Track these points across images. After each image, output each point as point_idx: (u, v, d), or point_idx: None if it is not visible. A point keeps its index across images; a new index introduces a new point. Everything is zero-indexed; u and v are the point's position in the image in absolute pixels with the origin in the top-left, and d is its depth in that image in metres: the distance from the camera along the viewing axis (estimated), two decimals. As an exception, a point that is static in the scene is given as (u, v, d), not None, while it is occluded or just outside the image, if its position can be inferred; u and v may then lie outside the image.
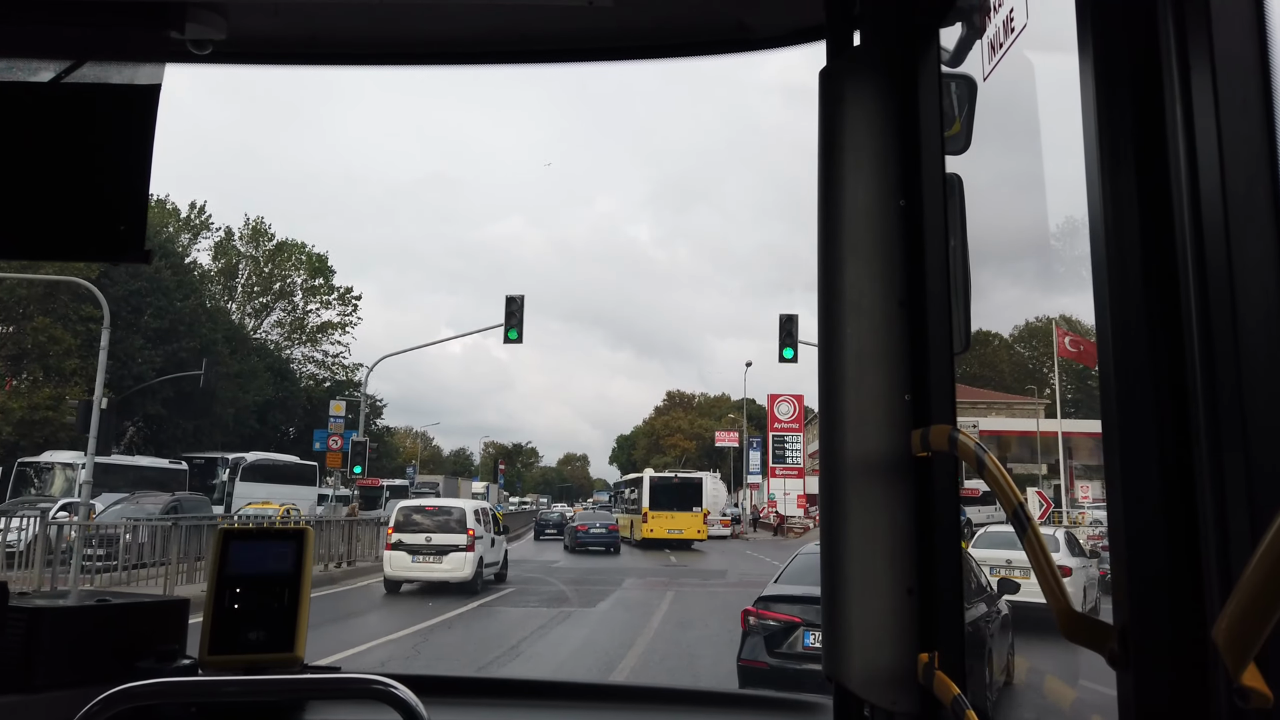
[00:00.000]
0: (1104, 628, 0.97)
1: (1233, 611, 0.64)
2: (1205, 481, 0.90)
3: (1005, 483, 1.19)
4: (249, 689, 1.66)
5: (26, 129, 1.71)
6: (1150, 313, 0.96)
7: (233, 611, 1.76)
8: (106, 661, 1.85)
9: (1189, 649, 0.91)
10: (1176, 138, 0.93)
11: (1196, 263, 0.91)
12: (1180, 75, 0.93)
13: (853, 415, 1.61)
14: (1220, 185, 0.87)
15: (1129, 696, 0.94)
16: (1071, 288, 39.04)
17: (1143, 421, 0.95)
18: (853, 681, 1.57)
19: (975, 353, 57.03)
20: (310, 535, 1.88)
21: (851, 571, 1.58)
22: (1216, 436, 0.88)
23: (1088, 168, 1.02)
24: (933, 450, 1.51)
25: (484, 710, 1.95)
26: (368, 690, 1.57)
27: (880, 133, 1.65)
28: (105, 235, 1.72)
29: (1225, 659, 0.66)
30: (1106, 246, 0.98)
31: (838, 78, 1.69)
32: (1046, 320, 55.57)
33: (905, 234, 1.64)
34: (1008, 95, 1.64)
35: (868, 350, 1.62)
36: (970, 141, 1.68)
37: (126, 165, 1.71)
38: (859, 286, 1.63)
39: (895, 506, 1.58)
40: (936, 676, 1.44)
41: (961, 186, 1.64)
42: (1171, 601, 0.92)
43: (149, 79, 1.74)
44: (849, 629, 1.58)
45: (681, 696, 2.06)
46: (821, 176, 1.69)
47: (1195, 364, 0.91)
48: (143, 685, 1.52)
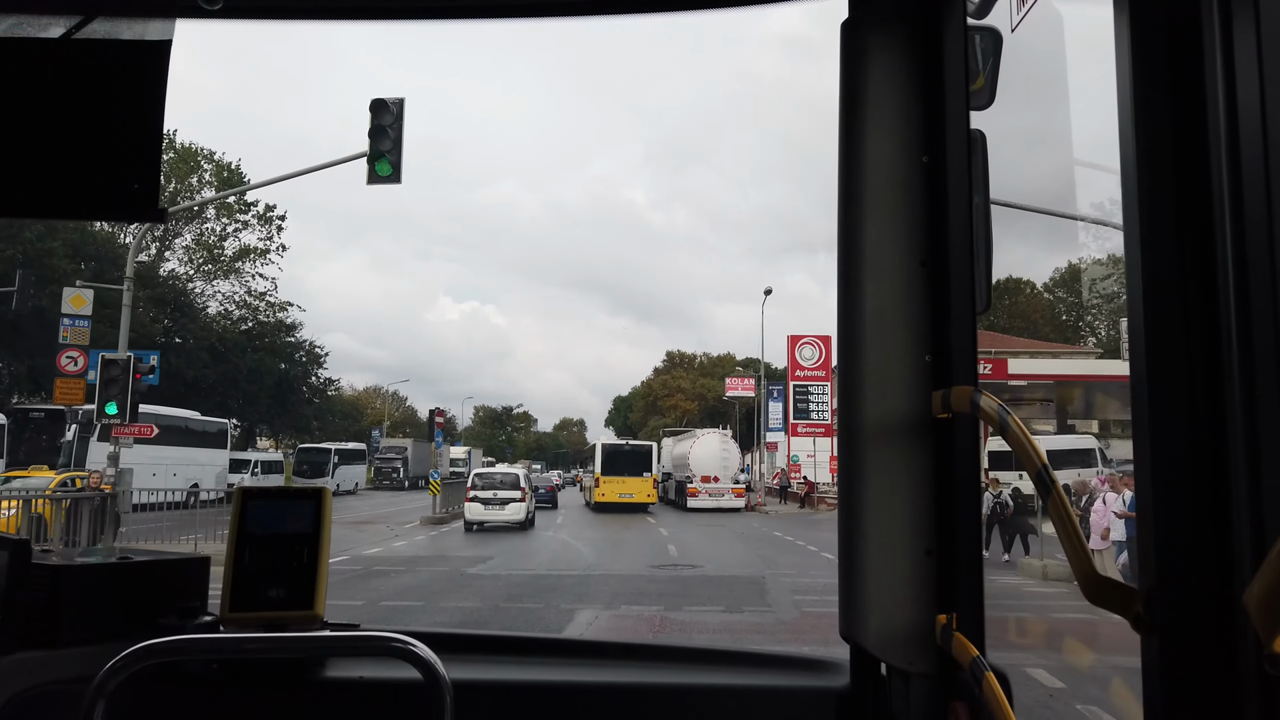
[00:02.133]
0: (1129, 592, 0.96)
1: (1265, 577, 0.62)
2: (1238, 442, 0.87)
3: (1029, 445, 1.17)
4: (270, 646, 1.68)
5: (37, 86, 1.69)
6: (1184, 267, 0.93)
7: (253, 569, 1.78)
8: (130, 618, 1.87)
9: (1217, 615, 0.89)
10: (1216, 89, 0.90)
11: (1234, 216, 0.88)
12: (1222, 23, 0.89)
13: (872, 376, 1.59)
14: (1261, 136, 0.84)
15: (1154, 661, 0.93)
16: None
17: (1173, 378, 0.93)
18: (870, 641, 1.57)
19: (1005, 303, 55.47)
20: (329, 494, 1.89)
21: (870, 532, 1.58)
22: (1251, 395, 0.86)
23: (1120, 121, 0.98)
24: (954, 412, 1.49)
25: (502, 667, 1.96)
26: (387, 648, 1.58)
27: (903, 87, 1.61)
28: (120, 193, 1.71)
29: (1256, 626, 0.65)
30: (1139, 200, 0.95)
31: (860, 31, 1.65)
32: (1077, 266, 50.95)
33: (927, 192, 1.60)
34: (1035, 47, 1.60)
35: (888, 311, 1.60)
36: (995, 96, 1.64)
37: (139, 122, 1.69)
38: (880, 245, 1.60)
39: (915, 468, 1.57)
40: (955, 638, 1.44)
41: (985, 143, 1.60)
42: (1200, 566, 0.91)
43: (159, 34, 1.71)
44: (867, 590, 1.57)
45: (699, 655, 2.07)
46: (842, 132, 1.66)
47: (1230, 319, 0.88)
48: (166, 641, 1.54)
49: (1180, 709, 0.91)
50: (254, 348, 55.27)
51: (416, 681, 1.53)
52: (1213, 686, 0.90)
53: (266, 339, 56.96)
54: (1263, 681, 0.85)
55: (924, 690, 1.54)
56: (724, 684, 1.90)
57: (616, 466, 40.18)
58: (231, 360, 51.57)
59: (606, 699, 1.86)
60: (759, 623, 12.54)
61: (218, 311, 55.35)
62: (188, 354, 48.49)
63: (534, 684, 1.89)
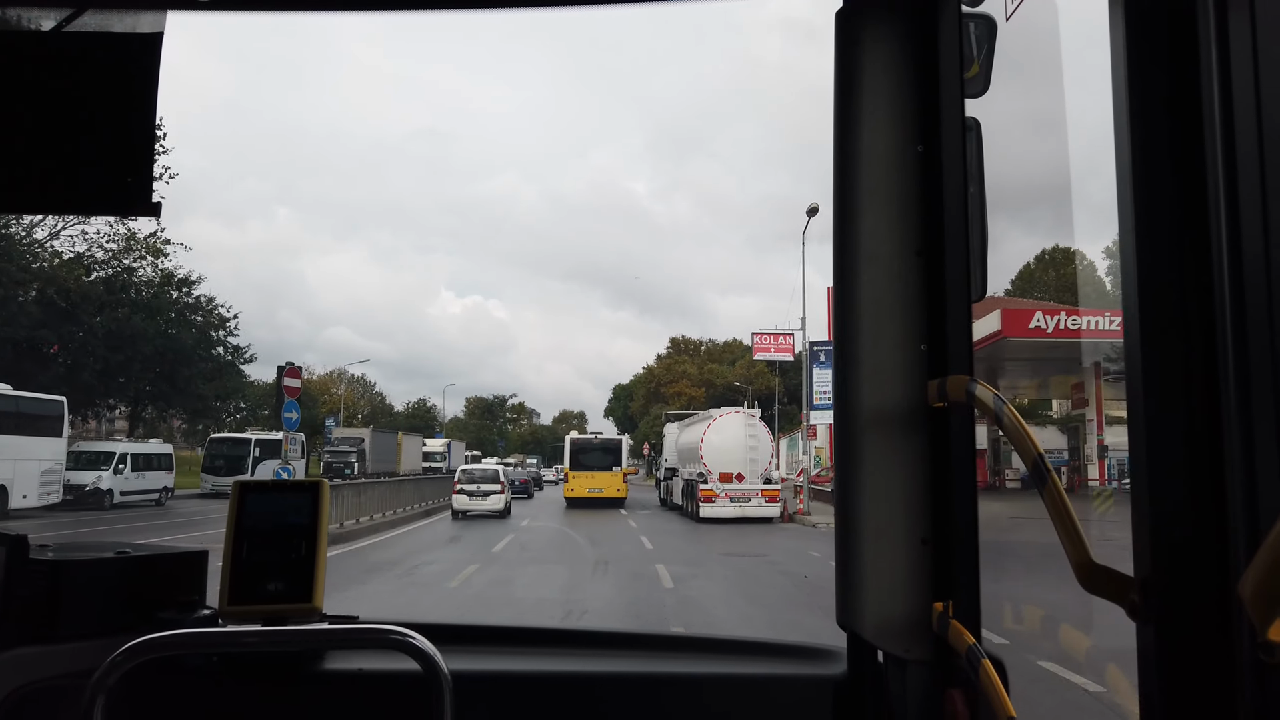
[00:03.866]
0: (1124, 579, 0.96)
1: (1260, 565, 0.63)
2: (1233, 432, 0.88)
3: (1025, 434, 1.18)
4: (269, 639, 1.68)
5: (27, 79, 1.68)
6: (1179, 258, 0.93)
7: (251, 563, 1.78)
8: (128, 612, 1.87)
9: (1212, 602, 0.90)
10: (1211, 79, 0.90)
11: (1229, 205, 0.88)
12: (1216, 11, 0.89)
13: (868, 365, 1.60)
14: (1257, 126, 0.84)
15: (1149, 649, 0.93)
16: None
17: (1170, 366, 0.93)
18: (866, 630, 1.58)
19: (1051, 275, 53.28)
20: (327, 486, 1.90)
21: (866, 521, 1.58)
22: (1245, 386, 0.86)
23: (1115, 110, 0.98)
24: (950, 401, 1.50)
25: (501, 658, 1.97)
26: (386, 640, 1.59)
27: (898, 75, 1.61)
28: (112, 188, 1.70)
29: (1251, 614, 0.65)
30: (1134, 189, 0.95)
31: (855, 18, 1.65)
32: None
33: (923, 180, 1.61)
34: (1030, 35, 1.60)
35: (884, 300, 1.60)
36: (989, 84, 1.64)
37: (131, 116, 1.69)
38: (876, 234, 1.61)
39: (911, 457, 1.58)
40: (951, 625, 1.45)
41: (980, 131, 1.60)
42: (1195, 555, 0.91)
43: (151, 27, 1.71)
44: (863, 578, 1.58)
45: (698, 644, 2.08)
46: (837, 121, 1.66)
47: (1225, 311, 0.88)
48: (166, 636, 1.55)
49: (1175, 696, 0.92)
50: (115, 303, 40.68)
51: (415, 673, 1.54)
52: (1207, 674, 0.90)
53: (137, 294, 42.52)
54: (1256, 669, 0.85)
55: (920, 677, 1.55)
56: (722, 672, 1.91)
57: (585, 461, 39.00)
58: (82, 319, 38.34)
59: (606, 688, 1.86)
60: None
61: (70, 256, 40.16)
62: (8, 309, 34.94)
63: (533, 674, 1.90)
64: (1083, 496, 24.10)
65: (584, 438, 43.08)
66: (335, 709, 1.84)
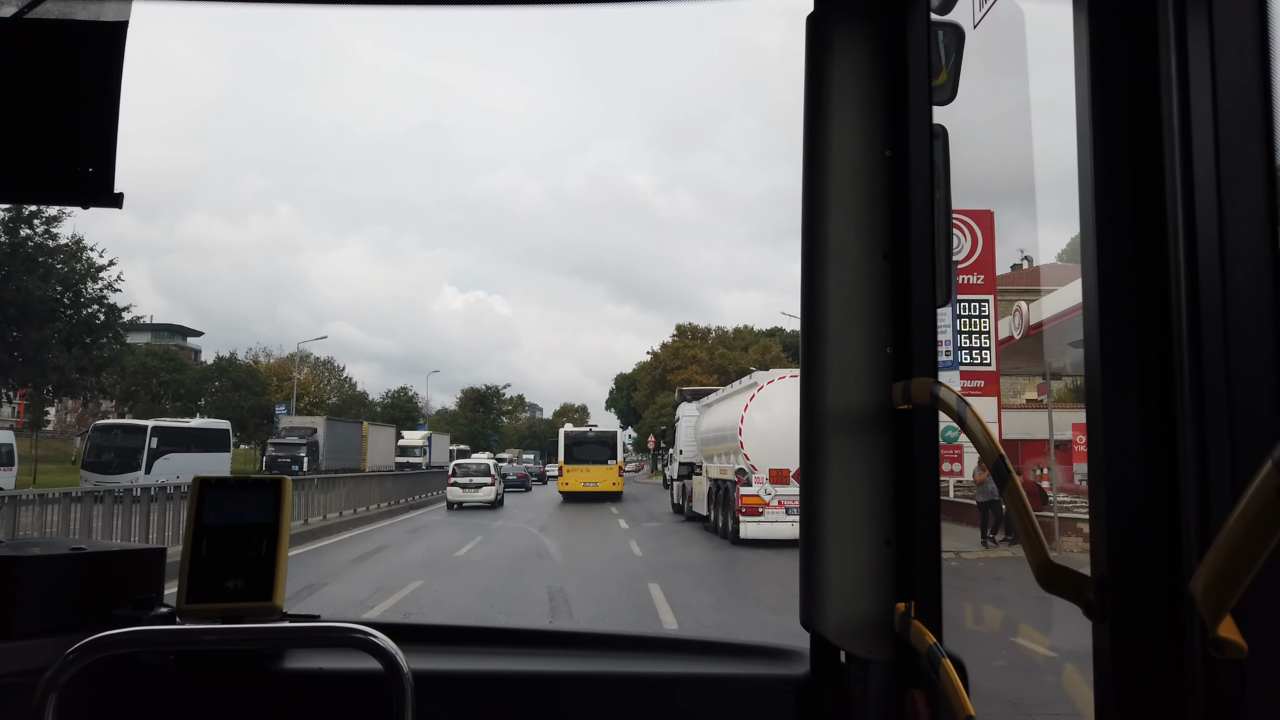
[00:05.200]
0: (1082, 579, 0.98)
1: (1211, 565, 0.64)
2: (1188, 433, 0.90)
3: (986, 436, 1.19)
4: (227, 637, 1.66)
5: None
6: (1137, 263, 0.95)
7: (210, 560, 1.76)
8: (83, 610, 1.84)
9: (1166, 601, 0.92)
10: (1170, 85, 0.92)
11: (1186, 212, 0.90)
12: (1176, 21, 0.91)
13: (834, 367, 1.61)
14: (1214, 135, 0.86)
15: (1105, 647, 0.95)
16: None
17: (1126, 372, 0.95)
18: (829, 630, 1.59)
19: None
20: (289, 484, 1.88)
21: (830, 522, 1.59)
22: (1200, 392, 0.88)
23: (1079, 117, 1.00)
24: (914, 403, 1.52)
25: (463, 658, 1.96)
26: (347, 638, 1.57)
27: (867, 81, 1.63)
28: (72, 178, 1.68)
29: (1202, 611, 0.67)
30: (1095, 195, 0.97)
31: (826, 24, 1.66)
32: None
33: (890, 185, 1.62)
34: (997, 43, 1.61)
35: (851, 303, 1.61)
36: (957, 91, 1.66)
37: (93, 106, 1.66)
38: (843, 238, 1.62)
39: (875, 458, 1.59)
40: (913, 625, 1.46)
41: (946, 137, 1.62)
42: (1150, 555, 0.93)
43: (116, 15, 1.68)
44: (827, 579, 1.59)
45: (662, 645, 2.08)
46: (807, 125, 1.67)
47: (1181, 314, 0.90)
48: (120, 633, 1.52)
49: (1129, 693, 0.94)
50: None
51: (377, 672, 1.52)
52: (1160, 671, 0.92)
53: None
54: (1207, 665, 0.87)
55: (883, 677, 1.56)
56: (686, 673, 1.91)
57: (580, 454, 38.63)
58: None
59: (567, 688, 1.86)
60: None
61: None
62: None
63: (495, 674, 1.89)
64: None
65: (579, 430, 42.67)
66: (295, 708, 1.82)
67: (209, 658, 1.80)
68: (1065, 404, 23.48)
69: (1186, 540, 0.90)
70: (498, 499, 34.33)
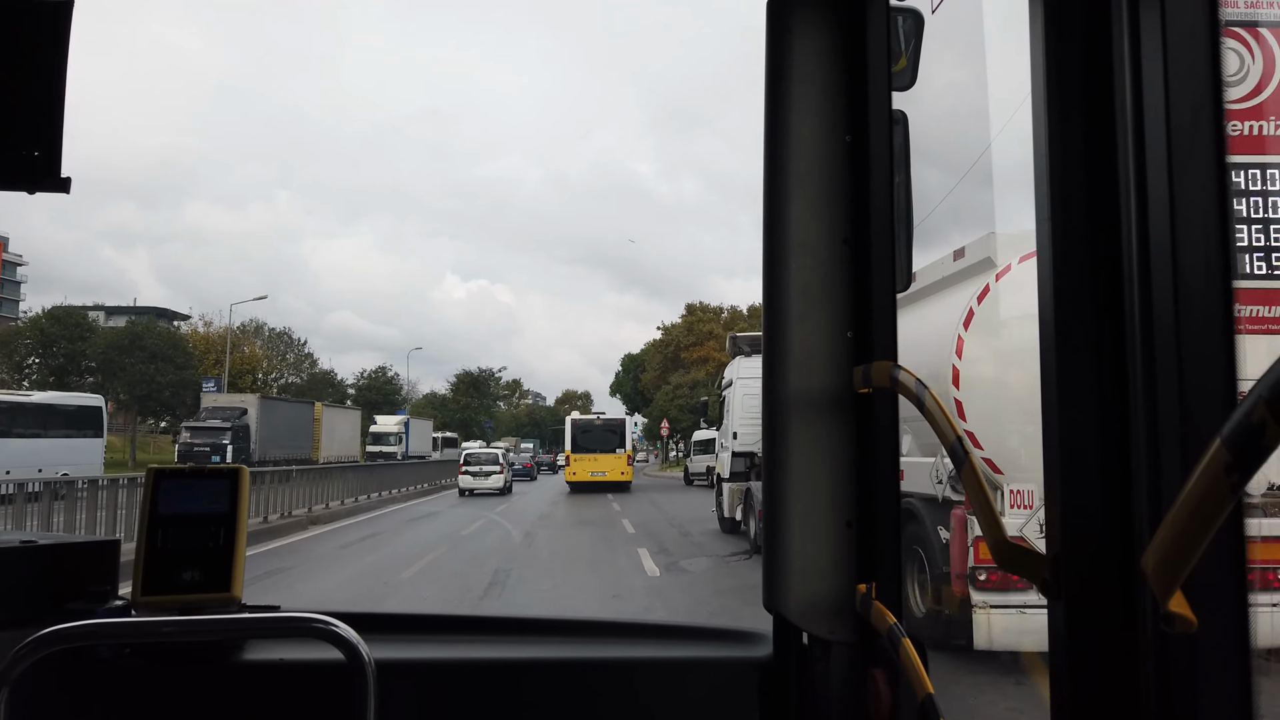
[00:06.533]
0: (1037, 557, 1.00)
1: (1161, 541, 0.65)
2: (1139, 416, 0.91)
3: (945, 417, 1.21)
4: (185, 629, 1.64)
5: None
6: (1091, 247, 0.97)
7: (166, 552, 1.72)
8: (36, 603, 1.80)
9: (1118, 578, 0.94)
10: (1124, 70, 0.94)
11: (1139, 196, 0.91)
12: (1129, 6, 0.93)
13: (796, 351, 1.62)
14: (1165, 118, 0.88)
15: (1059, 623, 0.97)
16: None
17: (1080, 354, 0.97)
18: (791, 612, 1.61)
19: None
20: (245, 473, 1.84)
21: (792, 504, 1.61)
22: (1151, 369, 0.90)
23: (1034, 102, 1.01)
24: (874, 386, 1.53)
25: (425, 645, 1.95)
26: (308, 629, 1.55)
27: (827, 66, 1.64)
28: (17, 162, 1.63)
29: (1153, 587, 0.68)
30: (1050, 181, 0.98)
31: (786, 9, 1.67)
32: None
33: (851, 171, 1.63)
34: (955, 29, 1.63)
35: (812, 287, 1.62)
36: (916, 77, 1.67)
37: (38, 87, 1.62)
38: (803, 223, 1.63)
39: (836, 441, 1.60)
40: (874, 606, 1.48)
41: (906, 123, 1.63)
42: (1103, 532, 0.95)
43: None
44: (789, 560, 1.60)
45: (624, 629, 2.09)
46: (768, 110, 1.68)
47: (1133, 300, 0.92)
48: (74, 626, 1.49)
49: (1082, 670, 0.95)
50: None
51: (339, 662, 1.51)
52: (1113, 647, 0.94)
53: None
54: (1158, 639, 0.89)
55: (844, 658, 1.58)
56: (648, 656, 1.92)
57: (587, 443, 37.71)
58: None
59: (532, 674, 1.86)
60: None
61: None
62: None
63: (459, 662, 1.88)
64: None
65: (586, 418, 41.25)
66: (256, 700, 1.80)
67: (167, 650, 1.77)
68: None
69: (1138, 518, 0.92)
70: (507, 486, 37.37)
